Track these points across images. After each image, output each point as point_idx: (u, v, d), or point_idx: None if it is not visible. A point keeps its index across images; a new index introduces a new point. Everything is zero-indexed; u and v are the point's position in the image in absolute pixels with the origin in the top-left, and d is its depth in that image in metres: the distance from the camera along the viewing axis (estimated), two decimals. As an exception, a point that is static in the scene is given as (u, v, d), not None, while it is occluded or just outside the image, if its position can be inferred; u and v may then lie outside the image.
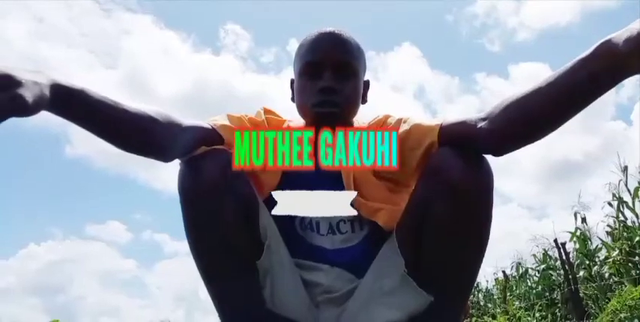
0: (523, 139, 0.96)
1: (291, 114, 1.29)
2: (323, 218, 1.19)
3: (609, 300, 3.96)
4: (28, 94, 0.71)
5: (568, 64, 0.83)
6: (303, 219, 1.19)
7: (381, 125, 1.20)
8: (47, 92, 0.75)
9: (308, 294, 1.14)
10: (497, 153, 1.00)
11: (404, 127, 1.13)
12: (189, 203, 1.03)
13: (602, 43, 0.78)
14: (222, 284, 1.05)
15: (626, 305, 3.32)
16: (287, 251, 1.14)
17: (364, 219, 1.17)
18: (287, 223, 1.18)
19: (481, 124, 0.97)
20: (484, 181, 1.00)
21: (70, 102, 0.82)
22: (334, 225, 1.18)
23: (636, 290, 3.35)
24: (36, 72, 0.76)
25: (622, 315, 3.29)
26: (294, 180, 1.20)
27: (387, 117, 1.22)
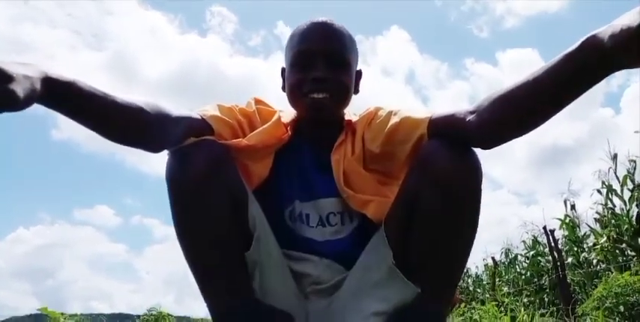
0: (511, 132, 0.96)
1: (281, 101, 1.28)
2: (313, 210, 1.19)
3: (596, 286, 4.01)
4: (19, 89, 0.70)
5: (554, 58, 0.84)
6: (292, 210, 1.19)
7: (371, 117, 1.20)
8: (38, 86, 0.75)
9: (297, 285, 1.15)
10: (486, 145, 1.00)
11: (394, 120, 1.13)
12: (177, 194, 1.03)
13: (587, 38, 0.78)
14: (211, 275, 1.05)
15: (612, 291, 3.37)
16: (276, 243, 1.14)
17: (354, 211, 1.17)
18: (276, 214, 1.18)
19: (470, 117, 0.97)
20: (472, 173, 1.00)
21: (60, 95, 0.81)
22: (324, 217, 1.19)
23: (622, 277, 3.39)
24: (26, 64, 0.75)
25: (608, 302, 3.34)
26: (283, 171, 1.20)
27: (377, 109, 1.21)
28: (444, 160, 0.98)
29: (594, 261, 5.50)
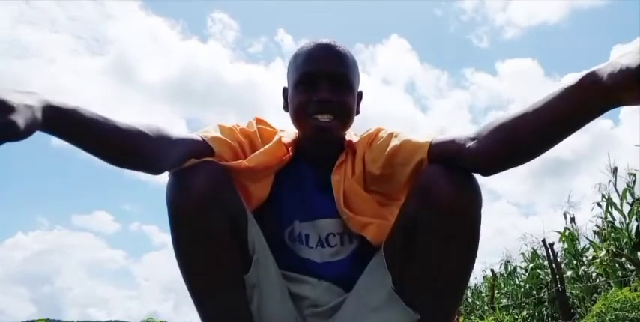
0: (510, 162, 0.97)
1: (279, 109, 1.29)
2: (312, 230, 1.19)
3: (595, 302, 4.00)
4: (21, 120, 0.70)
5: (554, 91, 0.84)
6: (292, 230, 1.19)
7: (372, 138, 1.20)
8: (39, 115, 0.75)
9: (295, 307, 1.14)
10: (485, 173, 1.01)
11: (394, 142, 1.13)
12: (176, 216, 1.02)
13: (587, 75, 0.79)
14: (210, 298, 1.05)
15: (611, 307, 3.35)
16: (275, 265, 1.14)
17: (353, 233, 1.17)
18: (276, 234, 1.18)
19: (470, 144, 0.98)
20: (472, 200, 1.00)
21: (61, 124, 0.81)
22: (323, 237, 1.18)
23: (621, 293, 3.38)
24: (28, 93, 0.76)
25: (607, 318, 3.33)
26: (283, 191, 1.20)
27: (378, 130, 1.22)
28: (445, 186, 0.98)
29: (593, 275, 5.49)
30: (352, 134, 1.26)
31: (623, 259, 4.92)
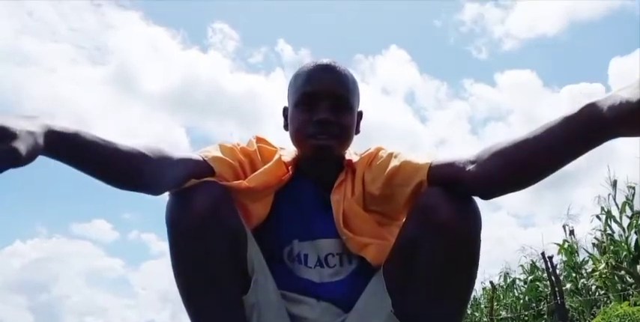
0: (509, 187, 0.98)
1: (279, 125, 1.29)
2: (311, 250, 1.19)
3: (594, 316, 3.99)
4: (23, 146, 0.71)
5: (554, 119, 0.85)
6: (291, 249, 1.19)
7: (372, 158, 1.21)
8: (41, 141, 0.76)
9: None
10: (485, 197, 1.01)
11: (394, 163, 1.14)
12: (176, 236, 1.03)
13: (587, 106, 0.79)
14: (208, 318, 1.05)
15: (610, 321, 3.35)
16: (274, 285, 1.14)
17: (353, 253, 1.17)
18: (275, 253, 1.18)
19: (470, 167, 0.98)
20: (472, 223, 1.01)
21: (63, 148, 0.82)
22: (322, 258, 1.18)
23: (621, 308, 3.38)
24: (29, 118, 0.76)
25: (607, 332, 3.32)
26: (283, 211, 1.20)
27: (378, 149, 1.22)
28: (444, 209, 0.99)
29: (593, 288, 5.48)
30: (352, 153, 1.27)
31: (623, 272, 4.92)
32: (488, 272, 7.83)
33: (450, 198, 1.00)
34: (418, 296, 1.04)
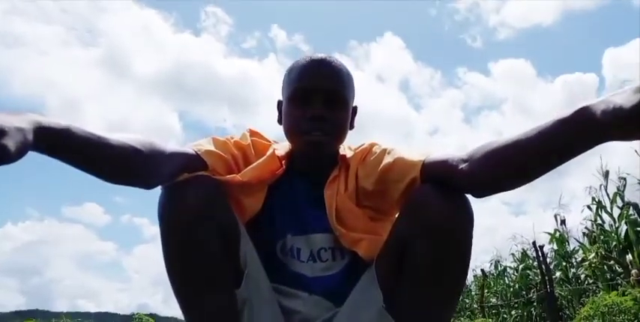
0: (501, 186, 0.99)
1: (272, 105, 1.29)
2: (304, 244, 1.19)
3: (583, 305, 4.04)
4: (11, 143, 0.70)
5: (548, 122, 0.85)
6: (284, 243, 1.20)
7: (365, 154, 1.21)
8: (30, 137, 0.75)
9: (286, 321, 1.15)
10: (476, 195, 1.02)
11: (387, 159, 1.14)
12: (168, 230, 1.03)
13: (581, 110, 0.80)
14: (200, 312, 1.05)
15: (598, 311, 3.39)
16: (267, 279, 1.14)
17: (345, 248, 1.18)
18: (268, 247, 1.19)
19: (462, 165, 0.98)
20: (464, 221, 1.01)
21: (53, 144, 0.81)
22: (315, 252, 1.19)
23: (609, 297, 3.42)
24: (18, 114, 0.76)
25: (595, 321, 3.36)
26: (276, 205, 1.20)
27: (372, 145, 1.22)
28: (437, 207, 0.99)
29: (582, 277, 5.55)
30: (346, 148, 1.27)
31: (612, 262, 4.97)
32: (479, 259, 7.90)
33: (442, 195, 1.00)
34: (409, 292, 1.05)
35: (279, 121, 1.25)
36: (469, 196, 1.03)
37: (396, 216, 1.14)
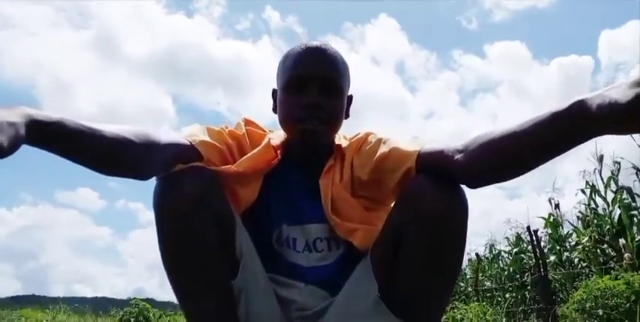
0: (496, 178, 0.99)
1: (267, 90, 1.29)
2: (300, 234, 1.19)
3: (576, 289, 4.08)
4: (4, 138, 0.70)
5: (543, 114, 0.85)
6: (280, 233, 1.20)
7: (361, 143, 1.20)
8: (22, 131, 0.75)
9: (282, 311, 1.16)
10: (471, 186, 1.02)
11: (383, 149, 1.14)
12: (164, 221, 1.03)
13: (576, 103, 0.79)
14: (197, 304, 1.06)
15: (591, 295, 3.42)
16: (262, 269, 1.15)
17: (341, 238, 1.18)
18: (264, 237, 1.19)
19: (458, 156, 0.99)
20: (459, 211, 1.01)
21: (45, 138, 0.81)
22: (311, 242, 1.19)
23: (602, 281, 3.45)
24: (10, 109, 0.75)
25: (587, 305, 3.40)
26: (271, 195, 1.20)
27: (367, 134, 1.22)
28: (432, 197, 0.99)
29: (576, 261, 5.60)
30: (341, 137, 1.26)
31: (605, 246, 5.02)
32: (474, 242, 7.95)
33: (437, 186, 1.00)
34: (404, 282, 1.06)
35: (274, 110, 1.24)
36: (464, 187, 1.03)
37: (392, 205, 1.14)
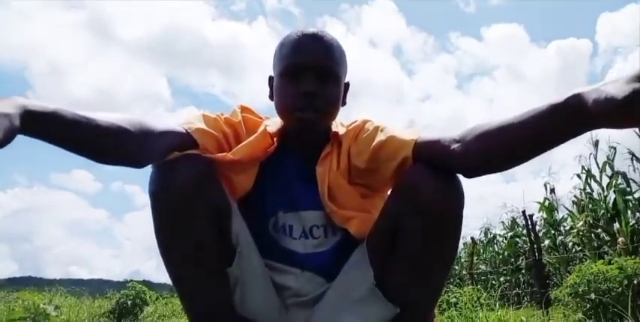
0: (492, 168, 1.00)
1: (263, 76, 1.28)
2: (296, 221, 1.20)
3: (570, 273, 4.12)
4: None
5: (540, 107, 0.85)
6: (276, 220, 1.20)
7: (358, 131, 1.20)
8: (17, 122, 0.74)
9: (278, 297, 1.17)
10: (467, 176, 1.02)
11: (380, 137, 1.13)
12: (160, 209, 1.03)
13: (572, 97, 0.80)
14: (193, 291, 1.06)
15: (584, 279, 3.45)
16: (259, 256, 1.15)
17: (337, 225, 1.18)
18: (260, 224, 1.19)
19: (454, 146, 0.99)
20: (455, 201, 1.02)
21: (40, 128, 0.80)
22: (307, 229, 1.20)
23: (596, 266, 3.48)
24: (4, 99, 0.75)
25: (580, 289, 3.43)
26: (268, 182, 1.20)
27: (364, 122, 1.21)
28: (428, 186, 1.00)
29: (570, 245, 5.66)
30: (338, 124, 1.26)
31: (600, 230, 5.06)
32: (470, 226, 8.02)
33: (434, 176, 1.01)
34: (399, 270, 1.07)
35: (271, 97, 1.23)
36: (460, 176, 1.03)
37: (387, 193, 1.14)
